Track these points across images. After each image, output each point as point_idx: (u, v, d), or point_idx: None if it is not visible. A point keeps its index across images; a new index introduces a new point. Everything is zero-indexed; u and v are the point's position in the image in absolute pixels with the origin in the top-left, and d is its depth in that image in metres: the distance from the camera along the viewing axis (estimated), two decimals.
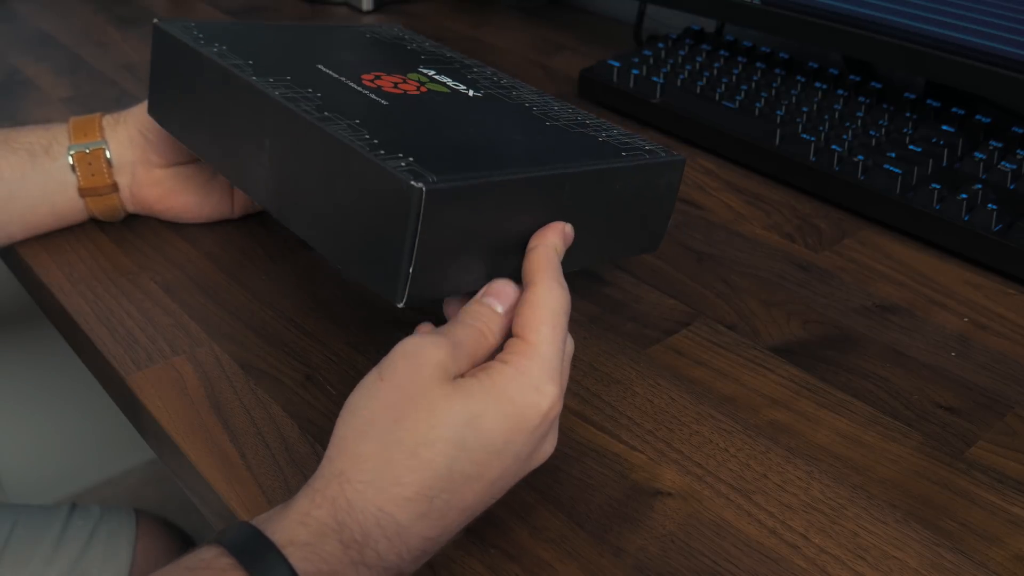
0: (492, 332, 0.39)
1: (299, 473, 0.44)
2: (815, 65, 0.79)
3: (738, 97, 0.75)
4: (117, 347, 0.52)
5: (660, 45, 0.86)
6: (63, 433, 1.36)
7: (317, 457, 0.44)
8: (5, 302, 1.22)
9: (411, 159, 0.38)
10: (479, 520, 0.41)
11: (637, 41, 0.96)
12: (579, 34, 1.03)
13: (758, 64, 0.81)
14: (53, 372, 1.30)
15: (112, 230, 0.62)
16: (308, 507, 0.34)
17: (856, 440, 0.47)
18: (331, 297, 0.56)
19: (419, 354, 0.36)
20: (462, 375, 0.37)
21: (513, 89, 0.55)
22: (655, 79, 0.79)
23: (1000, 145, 0.67)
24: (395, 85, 0.49)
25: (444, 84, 0.52)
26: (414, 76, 0.52)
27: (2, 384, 1.28)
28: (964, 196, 0.61)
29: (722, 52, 0.84)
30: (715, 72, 0.80)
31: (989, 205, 0.60)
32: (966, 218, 0.61)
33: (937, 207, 0.62)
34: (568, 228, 0.43)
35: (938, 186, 0.63)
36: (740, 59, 0.82)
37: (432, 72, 0.53)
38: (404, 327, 0.48)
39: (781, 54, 0.81)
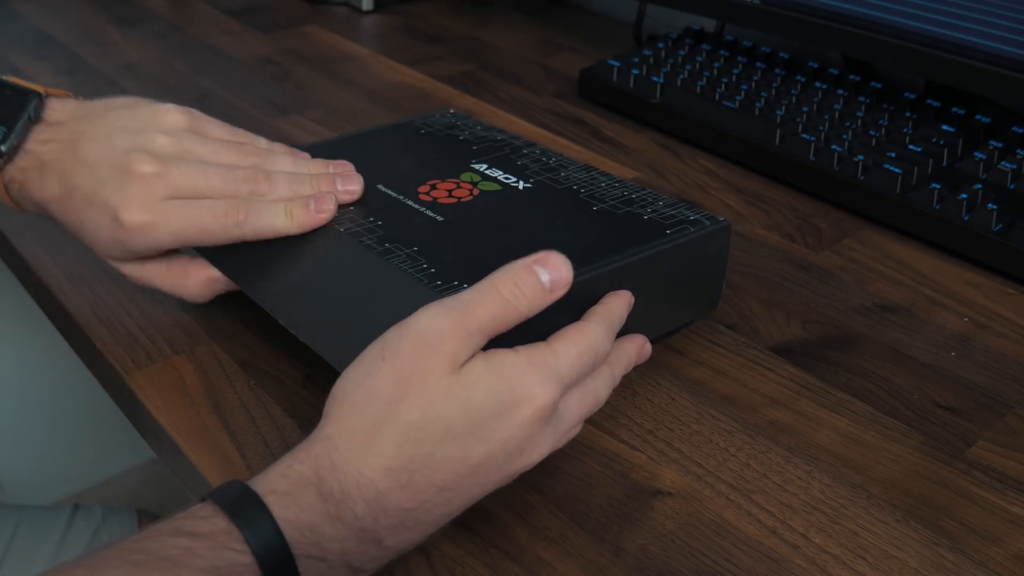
0: (526, 306, 0.37)
1: None
2: (815, 65, 0.79)
3: (738, 97, 0.75)
4: (117, 347, 0.52)
5: (660, 45, 0.86)
6: (63, 433, 1.36)
7: None
8: (5, 302, 1.22)
9: (466, 286, 0.41)
10: (479, 520, 0.41)
11: (637, 41, 0.96)
12: (579, 34, 1.03)
13: (758, 64, 0.81)
14: (53, 372, 1.30)
15: None
16: (291, 461, 0.36)
17: (856, 440, 0.47)
18: None
19: (430, 343, 0.36)
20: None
21: (562, 169, 0.57)
22: (655, 79, 0.79)
23: (1000, 145, 0.67)
24: (449, 193, 0.53)
25: (495, 180, 0.55)
26: (467, 177, 0.55)
27: (2, 384, 1.28)
28: (964, 196, 0.61)
29: (722, 52, 0.84)
30: (715, 72, 0.80)
31: (989, 205, 0.60)
32: (966, 218, 0.61)
33: (937, 207, 0.62)
34: (631, 298, 0.45)
35: (938, 186, 0.63)
36: (740, 59, 0.82)
37: (484, 167, 0.57)
38: None
39: (781, 54, 0.81)
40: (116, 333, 0.53)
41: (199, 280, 0.51)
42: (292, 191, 0.49)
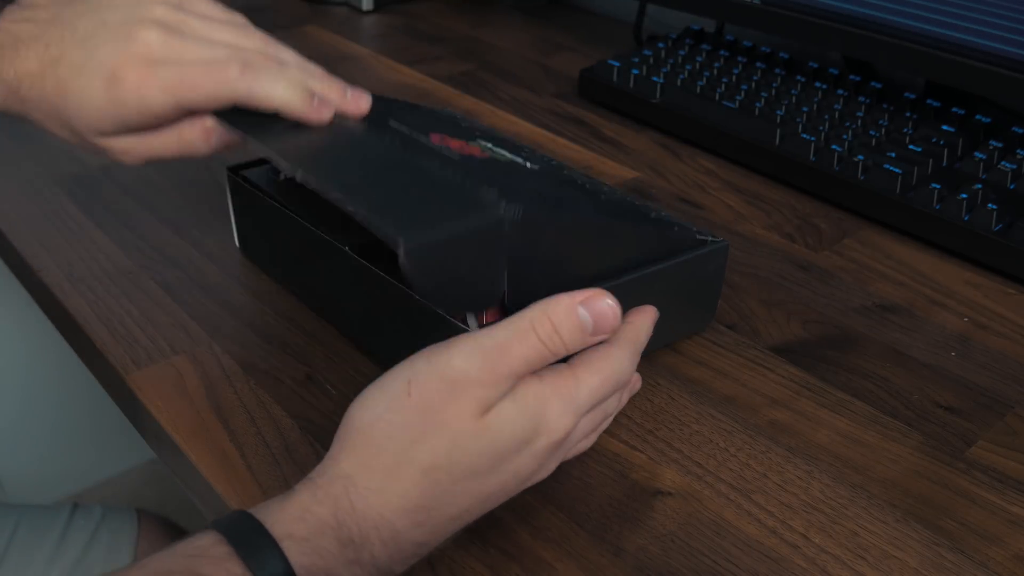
0: (562, 349, 0.37)
1: (299, 473, 0.44)
2: (815, 65, 0.79)
3: (738, 97, 0.75)
4: (117, 347, 0.52)
5: (660, 45, 0.86)
6: (63, 433, 1.36)
7: (317, 457, 0.44)
8: (5, 302, 1.22)
9: (497, 190, 0.40)
10: (480, 520, 0.41)
11: (637, 41, 0.96)
12: (579, 34, 1.03)
13: (758, 64, 0.81)
14: (53, 372, 1.30)
15: (112, 230, 0.62)
16: (309, 502, 0.34)
17: (856, 440, 0.47)
18: None
19: (461, 386, 0.35)
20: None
21: (564, 168, 0.57)
22: (655, 79, 0.79)
23: (1000, 145, 0.67)
24: (461, 148, 0.51)
25: (503, 155, 0.54)
26: (475, 143, 0.54)
27: (2, 384, 1.28)
28: (964, 196, 0.61)
29: (722, 52, 0.83)
30: (715, 72, 0.80)
31: (989, 205, 0.60)
32: (966, 218, 0.61)
33: (937, 207, 0.62)
34: (656, 314, 0.43)
35: (938, 186, 0.63)
36: (740, 59, 0.82)
37: (490, 144, 0.56)
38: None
39: (781, 54, 0.81)
40: (116, 333, 0.53)
41: (195, 131, 0.46)
42: (303, 77, 0.46)
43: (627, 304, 0.46)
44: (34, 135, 0.76)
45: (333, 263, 0.49)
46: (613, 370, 0.38)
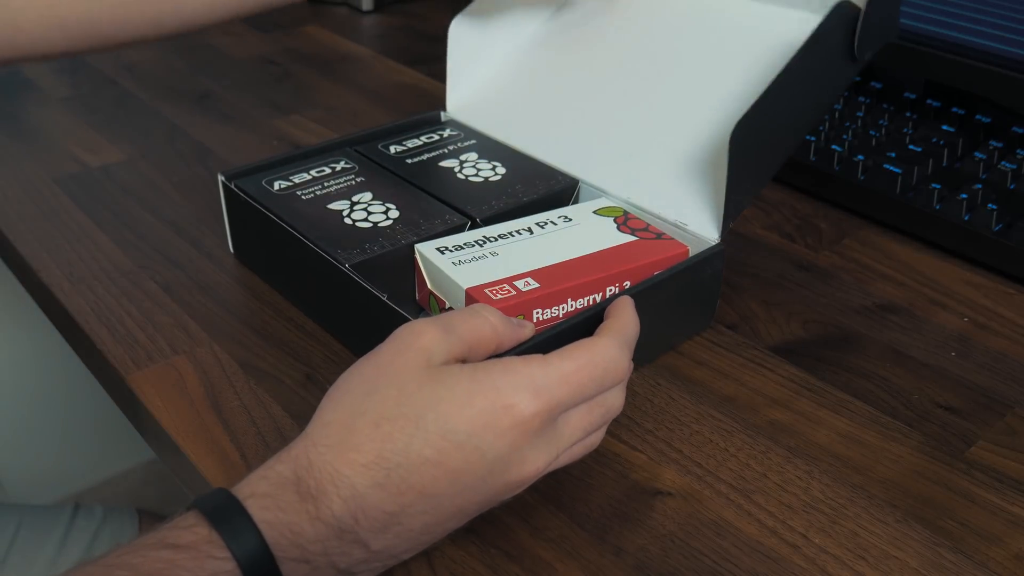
0: (498, 330, 0.39)
1: None
2: None
3: None
4: (117, 347, 0.52)
5: None
6: (63, 433, 1.36)
7: None
8: (5, 302, 1.22)
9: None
10: (480, 520, 0.41)
11: None
12: None
13: None
14: (53, 372, 1.30)
15: (112, 230, 0.62)
16: (272, 463, 0.36)
17: (856, 440, 0.47)
18: None
19: (406, 339, 0.37)
20: (456, 361, 0.38)
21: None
22: None
23: (1000, 145, 0.67)
24: None
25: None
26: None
27: (3, 384, 1.28)
28: (964, 196, 0.61)
29: None
30: None
31: (989, 205, 0.60)
32: (966, 218, 0.61)
33: (937, 207, 0.62)
34: (632, 302, 0.43)
35: (938, 186, 0.63)
36: None
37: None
38: None
39: None
40: (116, 333, 0.53)
41: None
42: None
43: None
44: (34, 135, 0.76)
45: (321, 272, 0.50)
46: (592, 356, 0.38)
